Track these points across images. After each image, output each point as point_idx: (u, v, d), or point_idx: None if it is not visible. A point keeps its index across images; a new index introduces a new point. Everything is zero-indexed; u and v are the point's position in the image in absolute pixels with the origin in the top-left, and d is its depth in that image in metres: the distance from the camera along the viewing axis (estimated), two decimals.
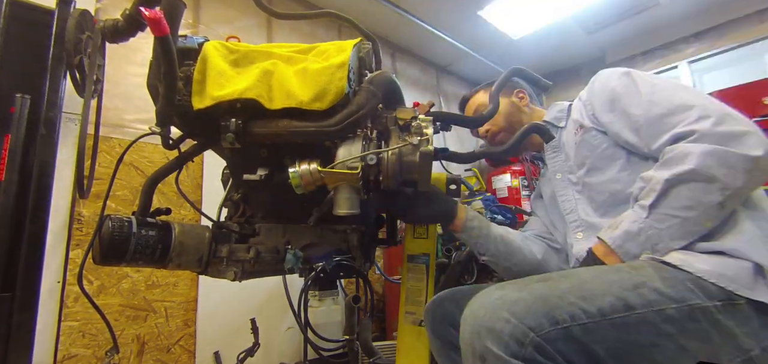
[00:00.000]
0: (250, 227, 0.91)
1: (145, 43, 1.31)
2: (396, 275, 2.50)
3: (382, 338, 2.71)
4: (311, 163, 0.77)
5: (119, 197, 2.01)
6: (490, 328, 0.55)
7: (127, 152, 0.97)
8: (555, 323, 0.54)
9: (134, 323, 1.98)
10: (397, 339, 1.02)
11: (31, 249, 1.02)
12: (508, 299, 0.57)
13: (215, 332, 2.17)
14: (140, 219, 0.79)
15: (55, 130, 1.08)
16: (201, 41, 0.83)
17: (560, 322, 0.55)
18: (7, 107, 1.01)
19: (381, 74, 0.83)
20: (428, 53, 4.08)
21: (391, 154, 0.78)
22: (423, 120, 0.80)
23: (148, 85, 0.80)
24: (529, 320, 0.54)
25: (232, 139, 0.75)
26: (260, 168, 0.82)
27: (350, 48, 0.81)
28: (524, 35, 3.73)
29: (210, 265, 0.85)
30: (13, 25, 1.05)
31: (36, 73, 1.07)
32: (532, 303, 0.56)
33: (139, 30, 0.81)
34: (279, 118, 0.76)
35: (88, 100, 1.13)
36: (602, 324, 0.56)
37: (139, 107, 2.14)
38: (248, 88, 0.75)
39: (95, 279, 1.89)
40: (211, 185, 2.25)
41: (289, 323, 2.36)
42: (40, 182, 1.04)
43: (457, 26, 3.51)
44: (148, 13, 0.66)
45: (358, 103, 0.77)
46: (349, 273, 2.12)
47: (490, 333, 0.55)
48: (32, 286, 1.02)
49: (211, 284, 2.10)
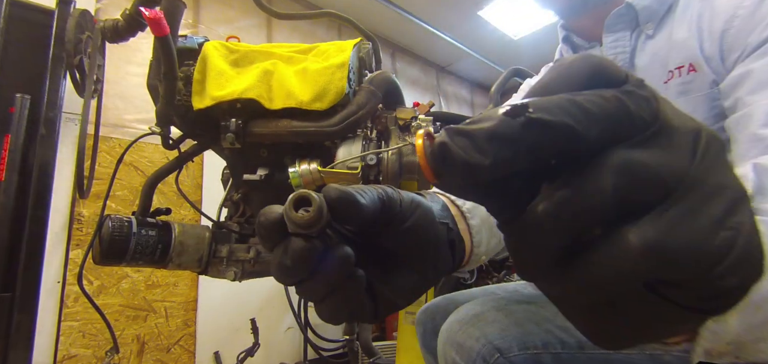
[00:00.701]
0: (250, 227, 0.91)
1: (145, 43, 1.31)
2: None
3: (382, 338, 2.71)
4: (311, 163, 0.77)
5: (119, 197, 2.01)
6: (461, 343, 0.55)
7: (127, 152, 0.97)
8: (525, 348, 0.53)
9: (134, 323, 1.98)
10: (397, 339, 1.02)
11: (31, 249, 1.02)
12: (484, 318, 0.57)
13: (215, 332, 2.17)
14: (140, 219, 0.79)
15: (55, 130, 1.08)
16: (201, 41, 0.83)
17: (530, 348, 0.53)
18: (7, 107, 1.01)
19: (381, 74, 0.83)
20: (428, 53, 4.08)
21: (391, 154, 0.78)
22: (423, 120, 0.80)
23: (148, 85, 0.80)
24: (499, 342, 0.53)
25: (232, 139, 0.75)
26: (260, 168, 0.82)
27: (350, 48, 0.81)
28: (524, 35, 3.73)
29: (210, 265, 0.85)
30: (13, 25, 1.05)
31: (36, 73, 1.07)
32: (506, 326, 0.55)
33: (139, 30, 0.81)
34: (279, 118, 0.76)
35: (88, 100, 1.14)
36: (579, 358, 0.53)
37: (139, 107, 2.14)
38: (248, 88, 0.75)
39: (95, 279, 1.89)
40: (211, 185, 2.25)
41: (289, 323, 2.36)
42: (40, 182, 1.04)
43: (457, 26, 3.51)
44: (148, 13, 0.66)
45: (358, 103, 0.77)
46: None
47: (460, 348, 0.55)
48: (32, 286, 1.02)
49: (211, 284, 2.10)
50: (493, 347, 0.53)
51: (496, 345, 0.53)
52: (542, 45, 3.89)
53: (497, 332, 0.54)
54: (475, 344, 0.54)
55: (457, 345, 0.56)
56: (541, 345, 0.53)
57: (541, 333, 0.54)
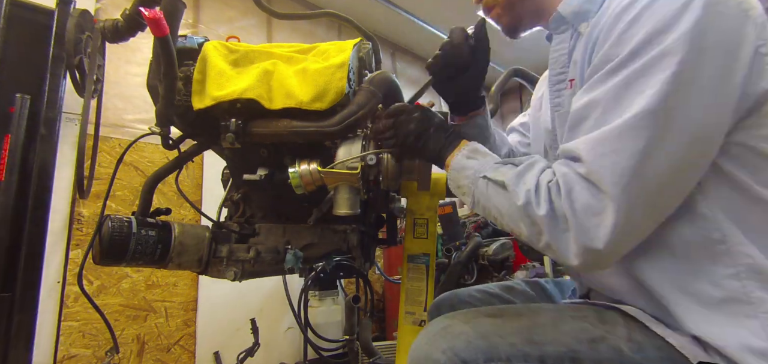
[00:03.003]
0: (250, 227, 0.91)
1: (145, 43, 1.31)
2: (396, 275, 2.50)
3: (382, 338, 2.71)
4: (311, 164, 0.77)
5: (119, 197, 2.01)
6: (428, 356, 0.58)
7: (127, 152, 0.97)
8: (489, 360, 0.55)
9: (134, 323, 1.98)
10: (397, 339, 1.02)
11: (31, 249, 1.02)
12: (452, 331, 0.60)
13: (215, 332, 2.17)
14: (140, 219, 0.79)
15: (55, 130, 1.08)
16: (201, 41, 0.83)
17: (495, 359, 0.56)
18: (7, 107, 1.01)
19: (381, 74, 0.83)
20: (428, 53, 4.04)
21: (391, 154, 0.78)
22: None
23: (148, 85, 0.80)
24: (465, 354, 0.56)
25: (232, 139, 0.75)
26: (260, 168, 0.82)
27: (350, 48, 0.81)
28: (524, 35, 3.73)
29: (210, 265, 0.85)
30: (13, 25, 1.05)
31: (36, 73, 1.07)
32: (473, 339, 0.57)
33: (139, 30, 0.81)
34: (279, 118, 0.76)
35: (88, 100, 1.14)
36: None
37: (139, 107, 2.15)
38: (248, 88, 0.75)
39: (95, 279, 1.89)
40: (211, 185, 2.25)
41: (289, 323, 2.36)
42: (40, 182, 1.04)
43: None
44: (148, 13, 0.66)
45: (358, 103, 0.77)
46: (349, 273, 2.12)
47: (427, 360, 0.58)
48: (32, 286, 1.02)
49: (211, 284, 2.11)
50: (459, 359, 0.56)
51: (462, 357, 0.56)
52: (542, 45, 3.85)
53: (463, 344, 0.57)
54: (441, 357, 0.56)
55: (425, 357, 0.58)
56: (505, 357, 0.56)
57: (505, 346, 0.57)
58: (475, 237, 2.46)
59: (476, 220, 2.85)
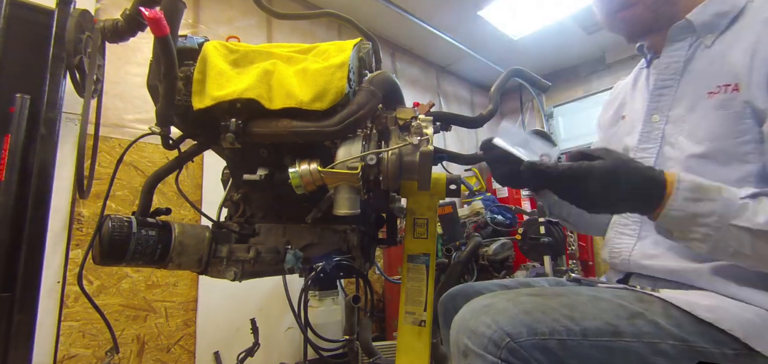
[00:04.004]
0: (250, 227, 0.91)
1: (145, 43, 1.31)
2: (396, 275, 2.51)
3: (382, 338, 2.71)
4: (311, 163, 0.77)
5: (119, 197, 2.01)
6: (473, 329, 0.60)
7: (127, 152, 0.97)
8: (533, 334, 0.57)
9: (134, 323, 1.98)
10: (397, 339, 1.02)
11: (31, 249, 1.02)
12: (495, 307, 0.61)
13: (215, 332, 2.17)
14: (140, 219, 0.79)
15: (55, 130, 1.08)
16: (201, 41, 0.83)
17: (538, 333, 0.57)
18: (7, 107, 1.01)
19: (381, 74, 0.83)
20: (428, 53, 4.08)
21: (391, 154, 0.78)
22: (423, 120, 0.80)
23: (148, 85, 0.80)
24: (509, 328, 0.58)
25: (232, 139, 0.75)
26: (260, 168, 0.82)
27: (350, 48, 0.81)
28: (524, 35, 3.73)
29: (210, 265, 0.85)
30: (13, 25, 1.05)
31: (36, 73, 1.07)
32: (515, 315, 0.59)
33: (139, 30, 0.81)
34: (279, 118, 0.76)
35: (88, 100, 1.14)
36: (583, 344, 0.57)
37: (139, 107, 2.14)
38: (248, 88, 0.75)
39: (95, 279, 1.89)
40: (211, 185, 2.25)
41: (289, 323, 2.36)
42: (40, 182, 1.04)
43: (457, 26, 3.51)
44: (148, 13, 0.66)
45: (358, 103, 0.77)
46: (349, 273, 2.12)
47: (473, 334, 0.60)
48: (32, 286, 1.02)
49: (211, 284, 2.10)
50: (504, 332, 0.57)
51: (507, 331, 0.57)
52: (542, 45, 3.89)
53: (507, 319, 0.59)
54: (486, 331, 0.58)
55: (469, 332, 0.60)
56: (547, 332, 0.58)
57: (548, 321, 0.59)
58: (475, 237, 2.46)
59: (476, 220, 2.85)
